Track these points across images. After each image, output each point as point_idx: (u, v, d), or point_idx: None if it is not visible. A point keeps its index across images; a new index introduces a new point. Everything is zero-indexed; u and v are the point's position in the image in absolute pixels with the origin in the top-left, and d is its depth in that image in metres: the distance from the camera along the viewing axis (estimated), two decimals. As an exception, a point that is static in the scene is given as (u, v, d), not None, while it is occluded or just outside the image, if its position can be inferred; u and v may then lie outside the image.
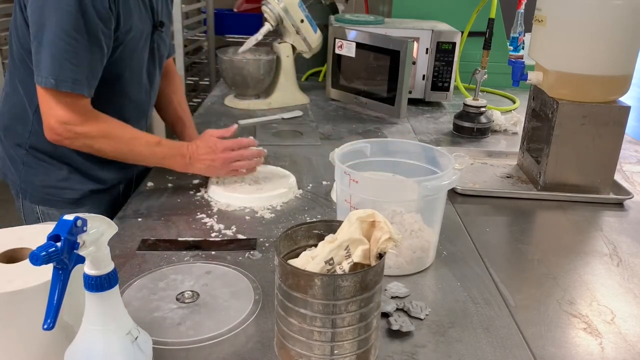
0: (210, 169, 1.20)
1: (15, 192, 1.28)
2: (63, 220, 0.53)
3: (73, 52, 1.04)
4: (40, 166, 1.22)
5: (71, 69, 1.04)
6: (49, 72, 1.03)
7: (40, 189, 1.24)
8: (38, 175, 1.23)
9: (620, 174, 1.39)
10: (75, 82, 1.05)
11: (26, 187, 1.24)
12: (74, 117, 1.08)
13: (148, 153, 1.17)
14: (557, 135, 1.21)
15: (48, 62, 1.03)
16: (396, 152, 1.03)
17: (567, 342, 0.79)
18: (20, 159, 1.22)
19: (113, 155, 1.16)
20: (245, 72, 1.83)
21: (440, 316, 0.83)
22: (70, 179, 1.24)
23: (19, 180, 1.24)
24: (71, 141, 1.11)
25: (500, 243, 1.10)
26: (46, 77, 1.04)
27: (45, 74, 1.04)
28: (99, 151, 1.15)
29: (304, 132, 1.67)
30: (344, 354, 0.68)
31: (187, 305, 0.83)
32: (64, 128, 1.08)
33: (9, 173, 1.26)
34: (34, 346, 0.62)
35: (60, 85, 1.04)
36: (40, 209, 1.25)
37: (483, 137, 1.67)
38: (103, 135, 1.13)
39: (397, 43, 1.70)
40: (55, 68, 1.03)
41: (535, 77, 1.27)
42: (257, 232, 1.06)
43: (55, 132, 1.09)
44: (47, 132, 1.10)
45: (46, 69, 1.03)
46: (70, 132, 1.09)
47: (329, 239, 0.72)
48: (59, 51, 1.03)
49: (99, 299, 0.57)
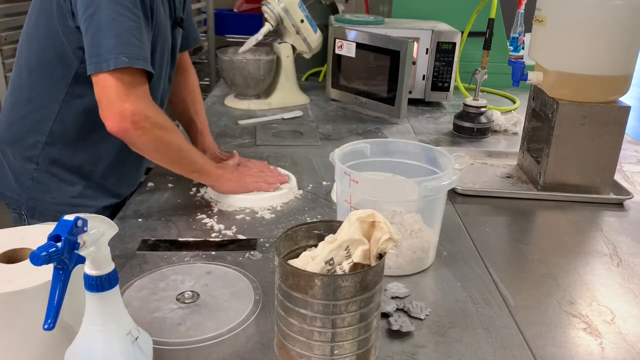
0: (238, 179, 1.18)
1: (18, 212, 1.19)
2: (63, 220, 0.53)
3: (138, 28, 0.95)
4: (52, 181, 1.16)
5: (139, 46, 0.95)
6: (120, 51, 0.93)
7: (51, 207, 1.17)
8: (49, 191, 1.16)
9: (621, 174, 1.39)
10: (146, 60, 0.96)
11: (35, 206, 1.17)
12: (147, 103, 0.99)
13: (197, 156, 1.13)
14: (557, 135, 1.22)
15: (115, 41, 0.93)
16: (396, 153, 1.03)
17: (567, 342, 0.80)
18: (29, 174, 1.15)
19: (172, 154, 1.08)
20: (245, 72, 1.83)
21: (440, 316, 0.83)
22: (84, 195, 1.18)
23: (25, 199, 1.17)
24: (143, 132, 0.99)
25: (500, 243, 1.10)
26: (116, 57, 0.93)
27: (114, 55, 0.93)
28: (166, 147, 1.05)
29: (304, 132, 1.67)
30: (344, 354, 0.68)
31: (187, 305, 0.83)
32: (140, 116, 0.97)
33: (9, 192, 1.18)
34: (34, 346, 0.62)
35: (134, 62, 0.94)
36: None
37: (483, 137, 1.67)
38: (171, 129, 1.04)
39: (397, 43, 1.70)
40: (125, 45, 0.93)
41: (535, 77, 1.27)
42: (257, 233, 1.06)
43: (131, 120, 0.96)
44: (117, 121, 0.97)
45: (115, 48, 0.93)
46: (147, 120, 0.98)
47: (329, 239, 0.72)
48: (125, 28, 0.94)
49: (99, 299, 0.57)
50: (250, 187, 1.18)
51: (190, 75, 1.43)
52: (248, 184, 1.19)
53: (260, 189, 1.19)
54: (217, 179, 1.16)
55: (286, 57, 1.90)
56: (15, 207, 1.20)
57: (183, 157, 1.11)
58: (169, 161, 1.11)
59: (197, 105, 1.40)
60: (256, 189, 1.19)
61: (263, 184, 1.20)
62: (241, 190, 1.18)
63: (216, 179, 1.16)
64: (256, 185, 1.19)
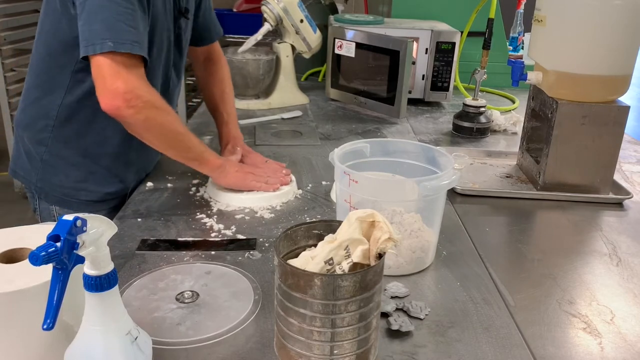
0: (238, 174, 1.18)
1: (31, 192, 1.26)
2: (62, 220, 0.53)
3: (128, 14, 0.98)
4: (60, 164, 1.20)
5: (128, 31, 0.98)
6: (105, 36, 0.97)
7: (57, 189, 1.22)
8: (57, 174, 1.21)
9: (620, 174, 1.39)
10: (134, 44, 0.98)
11: (43, 187, 1.22)
12: (141, 83, 1.01)
13: (195, 142, 1.13)
14: (556, 135, 1.22)
15: (101, 26, 0.97)
16: (396, 152, 1.03)
17: (566, 342, 0.80)
18: (40, 156, 1.20)
19: (166, 135, 1.08)
20: (244, 72, 1.83)
21: (439, 316, 0.83)
22: (88, 179, 1.22)
23: (35, 179, 1.22)
24: (136, 111, 1.01)
25: (499, 243, 1.10)
26: (102, 41, 0.97)
27: (100, 39, 0.97)
28: (158, 127, 1.06)
29: (303, 132, 1.67)
30: (343, 353, 0.68)
31: (186, 305, 0.83)
32: (132, 94, 0.99)
33: (24, 172, 1.24)
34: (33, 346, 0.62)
35: (119, 47, 0.97)
36: (57, 210, 1.24)
37: (482, 137, 1.67)
38: (166, 109, 1.05)
39: (397, 43, 1.70)
40: (111, 31, 0.97)
41: (535, 77, 1.27)
42: (257, 232, 1.06)
43: (124, 97, 0.98)
44: (110, 99, 0.99)
45: (101, 33, 0.97)
46: (139, 99, 1.00)
47: (328, 239, 0.72)
48: (113, 14, 0.97)
49: (99, 299, 0.57)
50: (249, 186, 1.18)
51: (220, 66, 1.45)
52: (249, 181, 1.19)
53: (260, 188, 1.19)
54: (216, 169, 1.16)
55: (286, 57, 1.90)
56: (27, 186, 1.26)
57: (178, 141, 1.11)
58: (164, 144, 1.11)
59: (225, 96, 1.41)
60: (256, 188, 1.19)
61: (263, 184, 1.19)
62: (240, 187, 1.18)
63: (215, 169, 1.16)
64: (256, 184, 1.19)
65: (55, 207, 1.24)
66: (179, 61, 1.29)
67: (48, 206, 1.24)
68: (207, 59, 1.45)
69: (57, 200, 1.23)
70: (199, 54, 1.44)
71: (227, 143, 1.34)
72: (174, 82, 1.29)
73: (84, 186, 1.22)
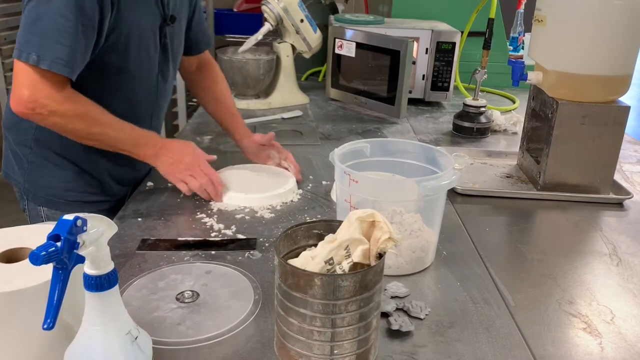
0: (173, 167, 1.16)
1: (20, 193, 1.26)
2: (63, 220, 0.53)
3: (63, 29, 0.99)
4: (45, 165, 1.20)
5: (56, 48, 1.00)
6: (32, 48, 0.99)
7: (44, 190, 1.22)
8: (43, 176, 1.21)
9: (620, 174, 1.39)
10: (57, 61, 1.00)
11: (30, 188, 1.23)
12: (53, 93, 1.03)
13: (119, 136, 1.12)
14: (556, 135, 1.21)
15: (32, 36, 0.99)
16: (396, 152, 1.03)
17: (566, 342, 0.80)
18: (25, 157, 1.20)
19: (83, 135, 1.10)
20: (245, 71, 1.83)
21: (440, 316, 0.83)
22: (74, 181, 1.22)
23: (22, 180, 1.23)
24: (42, 117, 1.04)
25: (500, 243, 1.10)
26: (27, 52, 0.99)
27: (26, 49, 0.99)
28: (72, 132, 1.09)
29: (303, 132, 1.67)
30: (343, 353, 0.68)
31: (187, 305, 0.83)
32: (38, 102, 1.02)
33: (13, 173, 1.25)
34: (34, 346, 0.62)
35: (41, 63, 0.99)
36: (45, 212, 1.24)
37: (483, 137, 1.67)
38: (78, 116, 1.07)
39: (397, 43, 1.70)
40: (39, 44, 0.99)
41: (535, 77, 1.27)
42: (257, 232, 1.06)
43: (27, 105, 1.02)
44: (16, 103, 1.02)
45: (29, 43, 0.99)
46: (45, 107, 1.03)
47: (328, 239, 0.72)
48: (46, 28, 0.99)
49: (99, 299, 0.56)
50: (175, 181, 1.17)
51: (214, 70, 1.45)
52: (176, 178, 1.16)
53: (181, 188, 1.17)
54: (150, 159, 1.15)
55: (286, 56, 1.90)
56: (17, 188, 1.26)
57: (99, 141, 1.12)
58: (87, 142, 1.13)
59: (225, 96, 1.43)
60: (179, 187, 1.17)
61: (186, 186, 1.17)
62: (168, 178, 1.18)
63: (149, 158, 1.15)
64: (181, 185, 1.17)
65: (43, 209, 1.24)
66: (167, 68, 1.28)
67: (36, 207, 1.24)
68: (200, 67, 1.45)
69: (45, 201, 1.23)
70: (191, 63, 1.44)
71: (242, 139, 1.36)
72: (161, 89, 1.28)
73: (71, 187, 1.22)
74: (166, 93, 1.33)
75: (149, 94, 1.25)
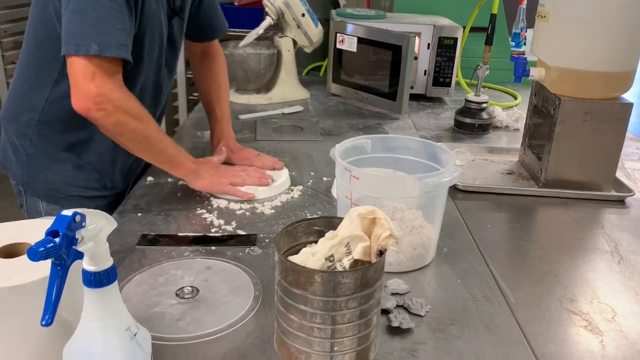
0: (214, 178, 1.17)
1: (17, 188, 1.25)
2: (61, 215, 0.52)
3: (115, 15, 0.97)
4: (44, 159, 1.19)
5: (114, 34, 0.97)
6: (91, 38, 0.95)
7: (43, 184, 1.21)
8: (42, 169, 1.20)
9: (622, 171, 1.39)
10: (121, 48, 0.98)
11: (29, 181, 1.22)
12: (115, 87, 1.00)
13: (168, 147, 1.11)
14: (558, 131, 1.21)
15: (87, 26, 0.96)
16: (397, 148, 1.03)
17: (567, 340, 0.79)
18: (25, 150, 1.19)
19: (139, 139, 1.08)
20: (245, 66, 1.82)
21: (440, 313, 0.83)
22: (74, 176, 1.21)
23: (21, 173, 1.22)
24: (106, 114, 1.00)
25: (501, 240, 1.09)
26: (87, 43, 0.95)
27: (85, 41, 0.95)
28: (131, 132, 1.05)
29: (304, 127, 1.66)
30: (343, 350, 0.68)
31: (186, 300, 0.83)
32: (104, 97, 0.98)
33: (11, 166, 1.24)
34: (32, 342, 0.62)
35: (105, 51, 0.96)
36: (44, 206, 1.23)
37: (484, 133, 1.66)
38: (139, 116, 1.05)
39: (399, 38, 1.69)
40: (98, 33, 0.96)
41: (538, 73, 1.26)
42: (257, 228, 1.06)
43: (95, 99, 0.98)
44: (80, 100, 0.99)
45: (86, 34, 0.96)
46: (110, 103, 1.00)
47: (329, 236, 0.72)
48: (100, 14, 0.96)
49: (98, 295, 0.56)
50: (224, 190, 1.17)
51: (216, 63, 1.43)
52: (223, 185, 1.17)
53: (234, 193, 1.17)
54: (189, 174, 1.15)
55: (287, 51, 1.89)
56: (16, 181, 1.25)
57: (150, 145, 1.10)
58: (136, 147, 1.10)
59: (221, 93, 1.40)
60: (231, 192, 1.17)
61: (239, 189, 1.17)
62: (213, 191, 1.18)
63: (188, 173, 1.15)
64: (230, 189, 1.17)
65: (42, 203, 1.22)
66: (172, 59, 1.28)
67: (35, 201, 1.23)
68: (204, 53, 1.43)
69: (44, 195, 1.22)
70: (197, 48, 1.43)
71: (219, 142, 1.34)
72: (165, 80, 1.28)
73: (70, 181, 1.21)
74: (169, 82, 1.32)
75: (156, 84, 1.25)
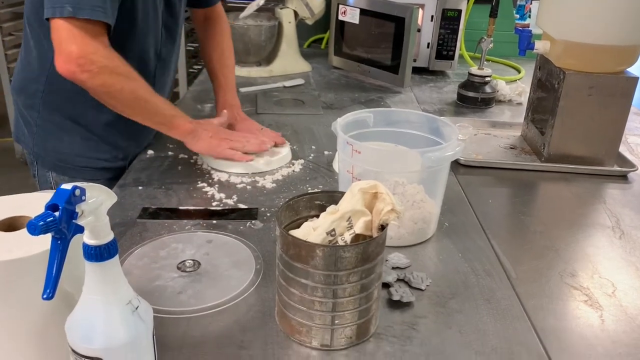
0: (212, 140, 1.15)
1: (30, 158, 1.25)
2: (61, 189, 0.52)
3: None
4: (53, 130, 1.19)
5: None
6: (65, 1, 0.94)
7: (53, 155, 1.21)
8: (51, 140, 1.19)
9: (625, 146, 1.38)
10: (95, 9, 0.95)
11: (39, 152, 1.21)
12: (98, 47, 0.98)
13: (163, 107, 1.09)
14: (562, 106, 1.20)
15: None
16: (399, 122, 1.02)
17: (567, 315, 0.80)
18: (34, 121, 1.19)
19: (128, 98, 1.05)
20: (246, 38, 1.80)
21: (440, 287, 0.83)
22: (83, 146, 1.20)
23: (32, 144, 1.21)
24: (91, 75, 0.98)
25: (502, 215, 1.09)
26: (61, 5, 0.94)
27: (60, 3, 0.94)
28: (118, 92, 1.03)
29: (305, 100, 1.65)
30: (344, 323, 0.68)
31: (188, 274, 0.83)
32: (86, 59, 0.96)
33: (23, 137, 1.23)
34: (34, 315, 0.62)
35: (78, 12, 0.94)
36: (54, 177, 1.22)
37: (487, 108, 1.65)
38: (126, 75, 1.02)
39: (402, 9, 1.67)
40: None
41: (543, 46, 1.24)
42: (259, 202, 1.06)
43: (77, 61, 0.96)
44: (63, 62, 0.97)
45: None
46: (94, 63, 0.97)
47: (330, 210, 0.71)
48: None
49: (99, 269, 0.56)
50: (223, 153, 1.15)
51: (220, 27, 1.40)
52: (222, 149, 1.15)
53: (233, 157, 1.15)
54: (187, 134, 1.13)
55: (288, 23, 1.87)
56: (27, 152, 1.26)
57: (141, 107, 1.07)
58: (127, 109, 1.08)
59: (224, 59, 1.38)
60: (229, 156, 1.15)
61: (238, 152, 1.16)
62: (212, 154, 1.16)
63: (187, 134, 1.13)
64: (229, 152, 1.15)
65: (52, 174, 1.22)
66: (172, 25, 1.25)
67: (45, 172, 1.23)
68: (207, 19, 1.40)
69: (54, 166, 1.22)
70: (199, 14, 1.40)
71: (222, 108, 1.32)
72: (167, 47, 1.25)
73: (79, 152, 1.20)
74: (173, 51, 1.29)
75: (157, 52, 1.22)
